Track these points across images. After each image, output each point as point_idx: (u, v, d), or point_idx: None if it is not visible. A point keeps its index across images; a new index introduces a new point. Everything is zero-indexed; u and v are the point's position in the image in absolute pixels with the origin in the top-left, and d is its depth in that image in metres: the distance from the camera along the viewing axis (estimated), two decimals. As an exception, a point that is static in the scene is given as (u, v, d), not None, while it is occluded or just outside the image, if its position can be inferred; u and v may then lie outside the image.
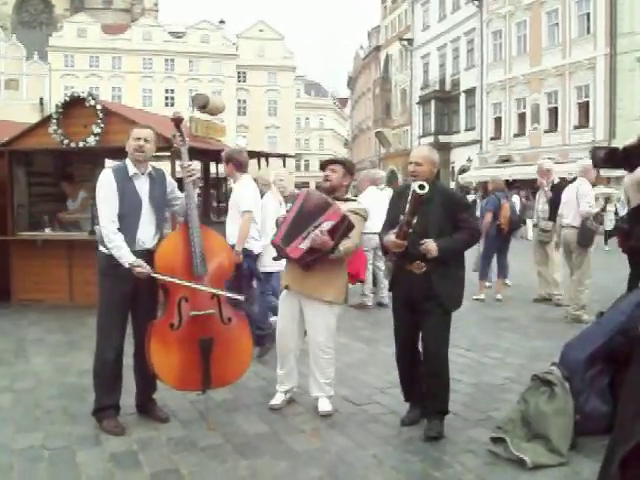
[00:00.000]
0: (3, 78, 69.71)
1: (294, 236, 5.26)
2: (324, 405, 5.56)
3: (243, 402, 5.83)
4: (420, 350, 5.25)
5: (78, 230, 10.96)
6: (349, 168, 5.73)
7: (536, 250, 11.13)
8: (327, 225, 5.15)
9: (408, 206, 4.79)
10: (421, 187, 4.68)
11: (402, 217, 4.88)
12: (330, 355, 5.63)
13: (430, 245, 4.85)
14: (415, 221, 4.85)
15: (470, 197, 26.45)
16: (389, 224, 5.19)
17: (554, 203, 10.66)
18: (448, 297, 5.04)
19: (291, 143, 78.93)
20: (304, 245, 5.20)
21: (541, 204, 10.96)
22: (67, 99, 10.50)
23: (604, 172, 32.34)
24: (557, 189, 10.78)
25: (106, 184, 5.09)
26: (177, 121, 5.45)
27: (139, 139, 5.17)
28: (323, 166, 5.73)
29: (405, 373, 5.38)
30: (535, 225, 11.23)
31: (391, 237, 4.97)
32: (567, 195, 9.86)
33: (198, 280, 5.11)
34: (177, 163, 7.72)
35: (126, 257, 4.96)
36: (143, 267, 4.94)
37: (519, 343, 8.12)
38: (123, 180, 5.12)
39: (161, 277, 5.03)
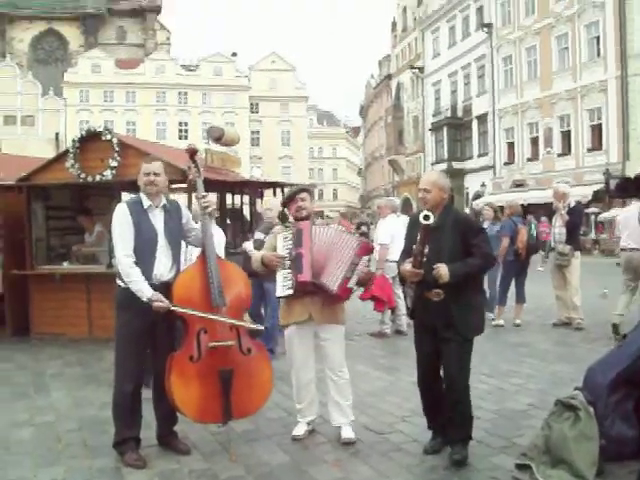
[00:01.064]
0: (20, 114, 70.57)
1: (325, 273, 5.33)
2: (348, 432, 5.55)
3: (264, 433, 5.80)
4: (441, 378, 5.22)
5: (96, 263, 11.00)
6: (312, 193, 5.86)
7: (554, 274, 11.06)
8: (365, 260, 5.43)
9: (419, 236, 4.81)
10: (426, 217, 4.70)
11: (414, 247, 4.88)
12: (348, 376, 5.73)
13: (442, 270, 4.83)
14: (427, 249, 4.85)
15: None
16: (406, 252, 5.19)
17: (571, 226, 10.69)
18: (466, 324, 5.01)
19: (304, 173, 79.22)
20: (352, 284, 5.42)
21: (558, 227, 10.91)
22: (83, 134, 10.58)
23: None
24: (573, 212, 10.80)
25: (121, 218, 5.11)
26: (191, 152, 5.47)
27: (149, 174, 5.19)
28: (290, 198, 5.72)
29: (427, 400, 5.35)
30: (552, 249, 11.17)
31: (407, 266, 4.98)
32: (626, 219, 9.97)
33: (217, 312, 5.11)
34: (193, 195, 7.75)
35: (144, 291, 4.96)
36: (162, 301, 4.94)
37: (540, 368, 8.04)
38: (138, 213, 5.14)
39: (180, 310, 5.03)
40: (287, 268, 5.39)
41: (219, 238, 8.00)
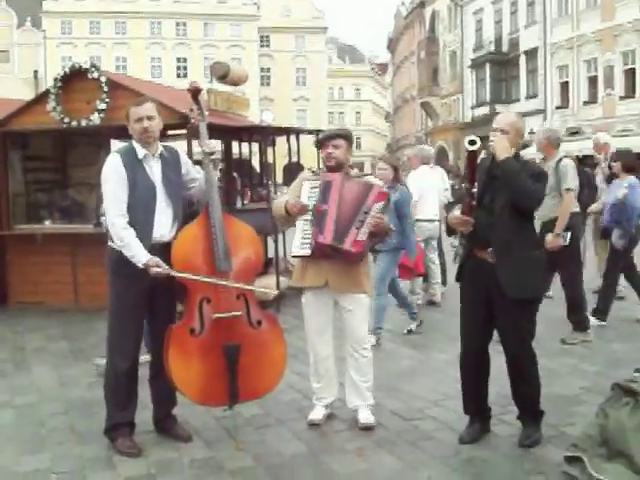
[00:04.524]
0: (-8, 49, 70.54)
1: (345, 231, 5.32)
2: (366, 416, 5.61)
3: (275, 418, 5.86)
4: (489, 355, 5.30)
5: (82, 222, 11.03)
6: (350, 139, 5.79)
7: (596, 236, 11.16)
8: (378, 207, 5.36)
9: (465, 171, 4.80)
10: (471, 142, 4.71)
11: (462, 185, 4.90)
12: (370, 353, 5.77)
13: (499, 143, 4.90)
14: (478, 190, 4.90)
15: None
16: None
17: (612, 180, 10.62)
18: (524, 286, 4.99)
19: (323, 117, 78.88)
20: (363, 235, 5.32)
21: (599, 182, 10.90)
22: (66, 71, 10.57)
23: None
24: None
25: (113, 171, 5.08)
26: (194, 92, 5.44)
27: (140, 119, 5.12)
28: (322, 143, 5.70)
29: (469, 380, 5.36)
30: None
31: (456, 212, 4.99)
32: None
33: (222, 277, 5.13)
34: (195, 142, 7.75)
35: (139, 256, 4.95)
36: (160, 266, 4.96)
37: (595, 347, 8.06)
38: (132, 165, 5.11)
39: (182, 275, 5.04)
40: (309, 223, 5.40)
41: None
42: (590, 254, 11.22)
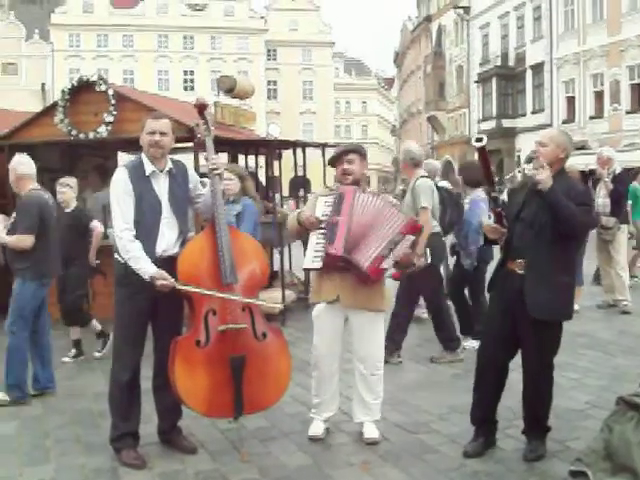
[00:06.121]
0: (0, 61, 70.71)
1: (360, 248, 5.36)
2: (371, 431, 5.60)
3: (281, 430, 5.87)
4: (507, 368, 5.33)
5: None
6: (365, 154, 5.84)
7: (599, 251, 11.25)
8: (409, 241, 5.43)
9: (485, 172, 4.87)
10: (478, 140, 4.83)
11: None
12: (382, 371, 5.74)
13: (544, 174, 4.85)
14: (517, 203, 5.06)
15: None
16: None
17: (616, 196, 10.76)
18: (549, 307, 5.00)
19: (330, 131, 78.86)
20: (386, 265, 5.40)
21: (601, 197, 10.92)
22: (74, 84, 10.63)
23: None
24: (619, 180, 10.91)
25: (121, 185, 5.14)
26: (201, 107, 5.49)
27: (154, 133, 5.19)
28: (336, 158, 5.71)
29: (482, 389, 5.37)
30: None
31: (490, 221, 5.05)
32: None
33: (227, 290, 5.15)
34: (201, 156, 7.78)
35: (146, 268, 5.00)
36: (166, 279, 4.98)
37: (600, 361, 8.05)
38: (139, 180, 5.17)
39: (187, 289, 5.07)
40: (322, 237, 5.42)
41: None
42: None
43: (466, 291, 9.02)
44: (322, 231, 5.42)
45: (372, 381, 5.65)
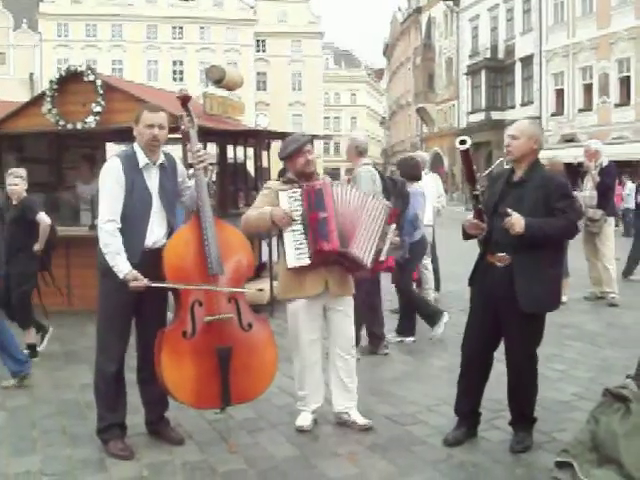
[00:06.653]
0: (-13, 51, 70.45)
1: (354, 242, 5.40)
2: (361, 417, 5.66)
3: (268, 421, 5.88)
4: (492, 360, 5.38)
5: (76, 224, 11.03)
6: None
7: (585, 243, 11.35)
8: (394, 228, 5.62)
9: (466, 173, 4.88)
10: (462, 142, 4.80)
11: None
12: (355, 354, 5.88)
13: (515, 219, 4.82)
14: (493, 198, 5.07)
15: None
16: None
17: (603, 188, 10.90)
18: (533, 299, 4.99)
19: (319, 122, 78.87)
20: (384, 256, 5.56)
21: (588, 190, 11.09)
22: (62, 74, 10.58)
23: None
24: (606, 173, 11.05)
25: (113, 176, 5.10)
26: (184, 100, 5.46)
27: (152, 126, 5.15)
28: (299, 149, 5.64)
29: (466, 383, 5.41)
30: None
31: (468, 219, 5.05)
32: None
33: (213, 281, 5.15)
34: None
35: (120, 267, 4.97)
36: (139, 279, 4.95)
37: (588, 353, 8.09)
38: (132, 171, 5.13)
39: (161, 285, 5.06)
40: (298, 233, 5.40)
41: None
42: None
43: None
44: (298, 227, 5.40)
45: (351, 363, 5.76)
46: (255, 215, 5.54)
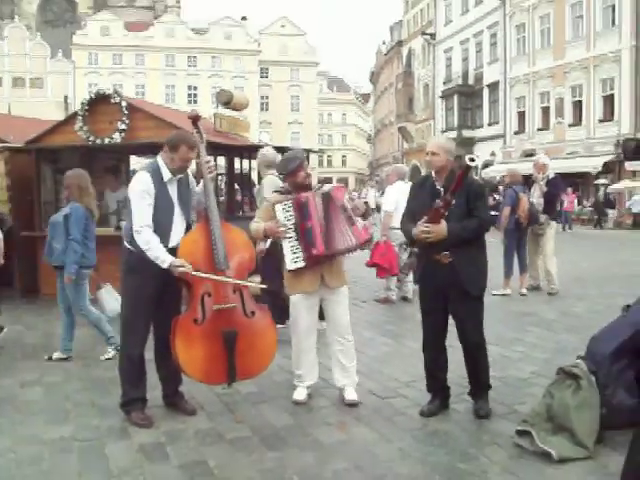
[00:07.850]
0: (28, 77, 70.29)
1: (335, 239, 5.44)
2: (351, 394, 5.64)
3: (269, 395, 5.88)
4: (446, 340, 5.41)
5: (103, 225, 11.01)
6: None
7: (530, 242, 11.57)
8: (347, 199, 5.64)
9: (453, 185, 4.86)
10: (472, 160, 4.82)
11: (438, 201, 4.96)
12: (352, 338, 5.83)
13: (433, 234, 4.98)
14: (419, 204, 5.16)
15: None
16: (411, 215, 5.28)
17: (549, 197, 11.29)
18: (476, 283, 5.18)
19: (314, 138, 78.85)
20: (360, 225, 5.58)
21: (536, 197, 11.32)
22: (92, 96, 10.59)
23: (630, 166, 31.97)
24: (552, 184, 11.45)
25: (144, 187, 5.12)
26: (194, 119, 5.50)
27: (187, 160, 5.25)
28: (300, 166, 5.60)
29: (431, 362, 5.47)
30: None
31: (420, 227, 5.03)
32: None
33: (221, 275, 5.16)
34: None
35: (164, 257, 4.99)
36: (185, 266, 4.98)
37: (544, 337, 8.09)
38: (158, 185, 5.17)
39: (201, 275, 5.07)
40: (294, 239, 5.44)
41: None
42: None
43: None
44: (293, 235, 5.44)
45: (350, 347, 5.75)
46: (254, 228, 5.63)
